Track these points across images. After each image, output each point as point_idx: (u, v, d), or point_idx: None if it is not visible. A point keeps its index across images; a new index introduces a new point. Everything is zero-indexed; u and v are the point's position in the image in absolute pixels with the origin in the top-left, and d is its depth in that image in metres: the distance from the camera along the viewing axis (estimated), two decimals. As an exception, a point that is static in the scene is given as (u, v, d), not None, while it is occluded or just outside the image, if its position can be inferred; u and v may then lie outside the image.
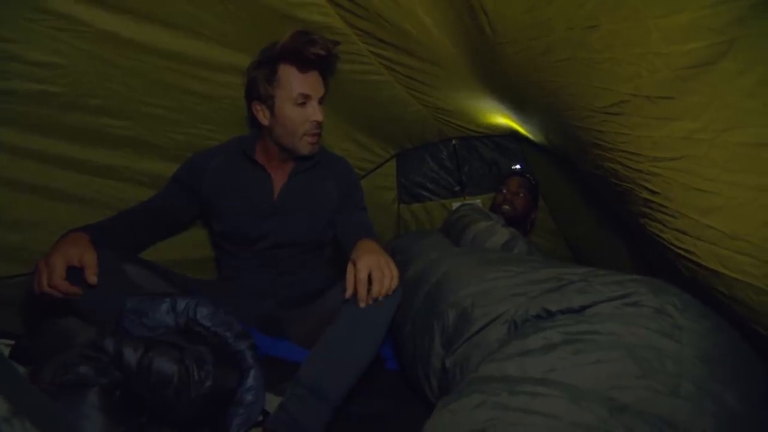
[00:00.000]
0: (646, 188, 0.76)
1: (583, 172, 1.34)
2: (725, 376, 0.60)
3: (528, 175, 1.78)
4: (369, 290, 0.91)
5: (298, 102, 1.12)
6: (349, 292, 0.92)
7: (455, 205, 1.88)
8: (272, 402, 0.89)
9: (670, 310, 0.67)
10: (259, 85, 1.12)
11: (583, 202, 1.51)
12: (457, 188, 1.92)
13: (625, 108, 0.65)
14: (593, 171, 1.13)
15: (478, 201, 1.88)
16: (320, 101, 1.16)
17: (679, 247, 0.73)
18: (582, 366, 0.62)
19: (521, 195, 1.71)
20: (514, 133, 1.77)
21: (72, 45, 0.93)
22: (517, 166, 1.86)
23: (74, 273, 0.85)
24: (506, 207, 1.68)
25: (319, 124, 1.16)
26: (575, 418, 0.56)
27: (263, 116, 1.15)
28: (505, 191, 1.73)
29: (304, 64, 1.10)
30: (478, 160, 1.90)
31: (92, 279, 0.85)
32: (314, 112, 1.13)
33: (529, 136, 1.60)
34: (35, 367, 0.80)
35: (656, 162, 0.68)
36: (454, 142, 1.87)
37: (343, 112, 1.46)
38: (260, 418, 0.87)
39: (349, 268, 0.94)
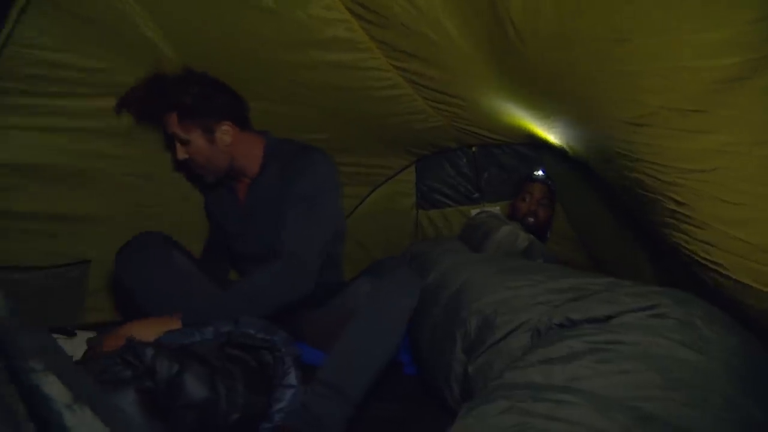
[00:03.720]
0: (673, 199, 0.76)
1: (605, 181, 1.34)
2: (751, 389, 0.60)
3: (549, 182, 1.73)
4: None
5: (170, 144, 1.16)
6: None
7: (474, 211, 1.88)
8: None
9: (695, 322, 0.67)
10: None
11: (604, 210, 1.50)
12: (475, 195, 1.92)
13: (653, 120, 0.66)
14: (617, 181, 1.13)
15: (497, 208, 1.88)
16: (179, 140, 1.10)
17: (707, 259, 0.73)
18: (606, 375, 0.63)
19: (544, 204, 1.66)
20: (534, 141, 1.76)
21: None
22: (540, 172, 1.75)
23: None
24: (531, 219, 1.63)
25: (187, 162, 1.13)
26: (600, 427, 0.56)
27: None
28: (527, 198, 1.67)
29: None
30: (497, 167, 1.90)
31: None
32: (176, 152, 1.12)
33: (551, 143, 1.60)
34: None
35: (685, 174, 0.68)
36: (473, 149, 1.87)
37: (362, 126, 1.48)
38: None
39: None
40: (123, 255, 1.01)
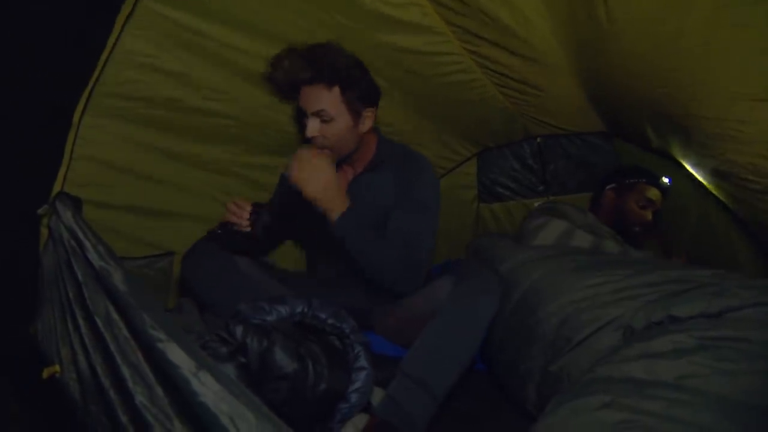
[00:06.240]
0: (800, 184, 0.68)
1: (695, 170, 1.23)
2: None
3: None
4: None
5: (302, 119, 1.10)
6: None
7: (536, 204, 1.81)
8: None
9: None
10: None
11: (690, 202, 1.39)
12: (541, 188, 1.85)
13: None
14: (716, 167, 1.03)
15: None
16: (325, 117, 1.06)
17: None
18: (729, 375, 0.57)
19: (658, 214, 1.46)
20: (605, 131, 1.66)
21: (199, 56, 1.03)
22: (666, 180, 1.46)
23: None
24: (636, 229, 1.42)
25: (315, 140, 1.08)
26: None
27: None
28: (644, 204, 1.43)
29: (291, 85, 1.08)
30: (563, 158, 1.81)
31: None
32: (306, 128, 1.07)
33: (628, 133, 1.50)
34: None
35: (820, 154, 0.60)
36: (538, 140, 1.80)
37: (429, 113, 1.47)
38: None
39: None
40: (189, 260, 1.04)
